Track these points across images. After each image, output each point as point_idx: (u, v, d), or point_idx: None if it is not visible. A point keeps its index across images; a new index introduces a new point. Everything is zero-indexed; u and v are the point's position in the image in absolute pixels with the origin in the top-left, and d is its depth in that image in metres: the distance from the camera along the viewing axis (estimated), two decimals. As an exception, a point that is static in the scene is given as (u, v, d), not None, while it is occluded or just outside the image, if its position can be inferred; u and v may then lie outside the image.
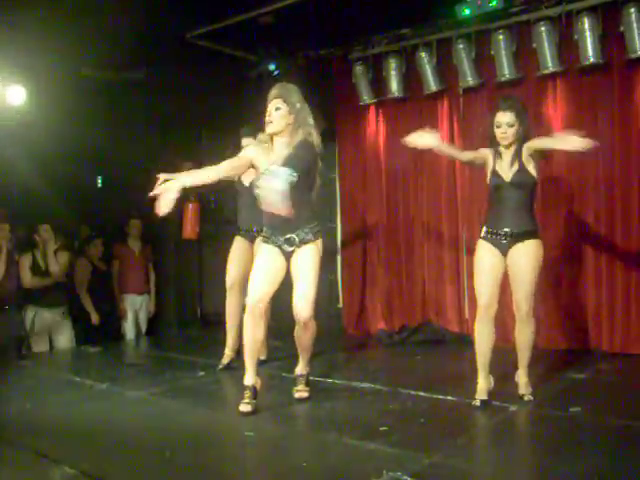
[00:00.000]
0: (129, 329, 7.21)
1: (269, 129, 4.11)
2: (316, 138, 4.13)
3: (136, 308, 7.28)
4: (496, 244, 4.25)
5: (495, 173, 4.30)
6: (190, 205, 7.44)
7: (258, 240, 4.40)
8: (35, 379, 5.28)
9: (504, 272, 4.28)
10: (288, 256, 4.18)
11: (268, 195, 3.56)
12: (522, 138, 4.25)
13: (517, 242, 4.21)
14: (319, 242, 4.21)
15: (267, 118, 4.10)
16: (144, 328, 7.36)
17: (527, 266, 4.18)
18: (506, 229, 4.21)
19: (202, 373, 5.26)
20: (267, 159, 4.08)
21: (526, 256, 4.18)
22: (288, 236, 4.11)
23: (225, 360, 5.41)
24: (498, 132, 4.26)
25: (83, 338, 6.71)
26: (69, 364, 6.20)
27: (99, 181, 8.17)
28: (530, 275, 4.18)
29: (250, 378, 4.14)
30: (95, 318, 6.82)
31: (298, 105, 4.09)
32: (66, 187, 7.20)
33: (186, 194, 7.32)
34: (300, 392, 4.45)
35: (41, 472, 3.25)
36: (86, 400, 4.55)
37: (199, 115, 7.47)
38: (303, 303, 4.10)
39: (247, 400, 4.06)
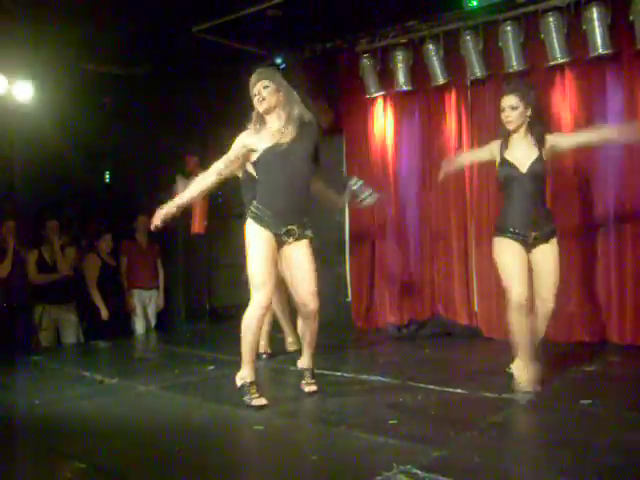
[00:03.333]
0: (138, 324, 7.24)
1: (262, 107, 4.13)
2: (308, 113, 4.20)
3: (145, 303, 7.31)
4: (520, 242, 4.17)
5: (506, 162, 4.21)
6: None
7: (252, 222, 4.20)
8: (45, 374, 5.30)
9: (529, 261, 4.23)
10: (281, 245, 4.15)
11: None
12: (533, 121, 4.18)
13: (542, 243, 4.18)
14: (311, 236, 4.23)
15: (257, 98, 4.13)
16: (153, 323, 7.38)
17: (554, 269, 4.18)
18: (534, 233, 4.14)
19: (211, 367, 5.26)
20: (260, 138, 4.14)
21: (553, 259, 4.18)
22: (289, 227, 4.09)
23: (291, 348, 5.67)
24: (503, 116, 4.20)
25: (92, 333, 6.74)
26: (78, 359, 6.22)
27: (107, 176, 8.18)
28: (557, 277, 4.19)
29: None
30: (105, 313, 6.84)
31: (284, 82, 4.18)
32: (74, 183, 7.22)
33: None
34: (309, 385, 4.45)
35: (52, 467, 3.26)
36: (96, 395, 4.56)
37: (205, 109, 7.47)
38: (311, 297, 4.13)
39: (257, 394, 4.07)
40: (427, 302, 6.79)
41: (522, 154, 4.19)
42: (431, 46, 6.35)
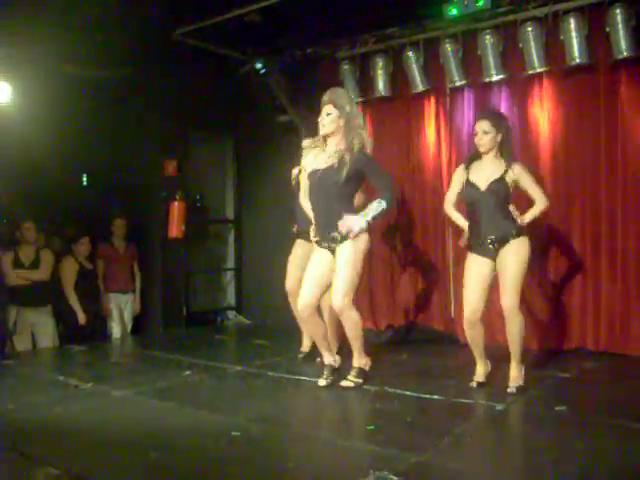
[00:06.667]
0: (115, 328, 7.16)
1: (321, 131, 4.58)
2: (365, 138, 4.54)
3: (121, 307, 7.24)
4: (484, 253, 4.45)
5: (469, 183, 4.53)
6: (175, 204, 7.42)
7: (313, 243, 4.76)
8: (19, 378, 5.23)
9: (494, 277, 4.47)
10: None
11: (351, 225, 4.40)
12: (502, 148, 4.49)
13: (503, 245, 4.41)
14: (361, 237, 4.49)
15: (320, 121, 4.56)
16: (129, 327, 7.31)
17: (512, 263, 4.37)
18: (491, 236, 4.42)
19: (188, 372, 5.23)
20: (317, 160, 4.61)
21: (512, 254, 4.39)
22: (333, 234, 4.49)
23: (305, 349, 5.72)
24: (475, 139, 4.53)
25: (68, 337, 6.66)
26: (53, 363, 6.15)
27: (84, 179, 8.10)
28: (515, 271, 4.36)
29: (327, 358, 4.72)
30: (82, 317, 6.75)
31: (347, 108, 4.51)
32: (51, 184, 7.13)
33: (171, 193, 7.40)
34: (347, 381, 4.61)
35: (26, 473, 3.22)
36: (71, 400, 4.51)
37: (185, 112, 7.44)
38: (334, 294, 4.47)
39: (325, 376, 4.65)
40: (404, 309, 6.81)
41: (485, 174, 4.50)
42: (411, 53, 6.39)
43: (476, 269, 4.48)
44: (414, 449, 3.33)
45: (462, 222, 4.71)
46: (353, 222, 4.40)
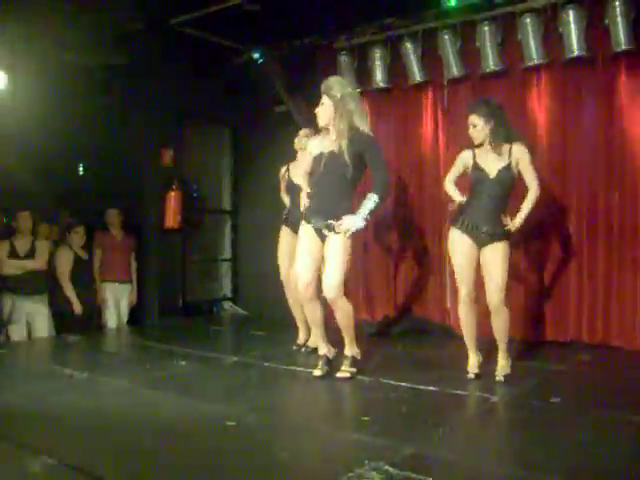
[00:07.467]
0: (110, 318, 7.15)
1: (319, 123, 4.64)
2: (355, 121, 4.50)
3: (118, 297, 7.21)
4: (471, 236, 4.50)
5: (477, 167, 4.54)
6: (172, 194, 7.40)
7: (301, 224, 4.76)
8: (14, 368, 5.23)
9: (478, 258, 4.54)
10: (324, 239, 4.54)
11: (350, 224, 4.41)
12: (497, 133, 4.48)
13: (491, 241, 4.47)
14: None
15: (317, 113, 4.63)
16: (126, 317, 7.30)
17: (498, 263, 4.46)
18: (485, 227, 4.46)
19: (183, 362, 5.23)
20: (321, 145, 4.63)
21: (498, 256, 4.46)
22: (329, 222, 4.47)
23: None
24: (469, 132, 4.58)
25: (64, 327, 6.65)
26: (49, 353, 6.15)
27: (80, 168, 8.07)
28: (500, 270, 4.45)
29: (322, 348, 4.75)
30: (77, 307, 6.74)
31: (338, 95, 4.51)
32: (47, 174, 7.11)
33: (168, 183, 7.38)
34: (342, 372, 4.62)
35: (21, 462, 3.21)
36: (66, 390, 4.50)
37: (182, 102, 7.41)
38: (327, 284, 4.48)
39: (320, 366, 4.66)
40: (400, 299, 6.82)
41: (491, 161, 4.52)
42: (409, 44, 6.37)
43: (464, 249, 4.54)
44: (409, 440, 3.33)
45: (458, 197, 4.67)
46: (352, 223, 4.41)
